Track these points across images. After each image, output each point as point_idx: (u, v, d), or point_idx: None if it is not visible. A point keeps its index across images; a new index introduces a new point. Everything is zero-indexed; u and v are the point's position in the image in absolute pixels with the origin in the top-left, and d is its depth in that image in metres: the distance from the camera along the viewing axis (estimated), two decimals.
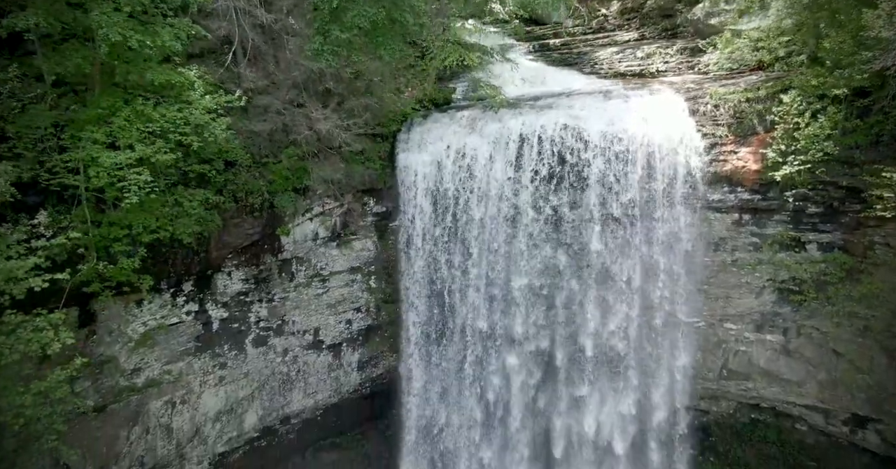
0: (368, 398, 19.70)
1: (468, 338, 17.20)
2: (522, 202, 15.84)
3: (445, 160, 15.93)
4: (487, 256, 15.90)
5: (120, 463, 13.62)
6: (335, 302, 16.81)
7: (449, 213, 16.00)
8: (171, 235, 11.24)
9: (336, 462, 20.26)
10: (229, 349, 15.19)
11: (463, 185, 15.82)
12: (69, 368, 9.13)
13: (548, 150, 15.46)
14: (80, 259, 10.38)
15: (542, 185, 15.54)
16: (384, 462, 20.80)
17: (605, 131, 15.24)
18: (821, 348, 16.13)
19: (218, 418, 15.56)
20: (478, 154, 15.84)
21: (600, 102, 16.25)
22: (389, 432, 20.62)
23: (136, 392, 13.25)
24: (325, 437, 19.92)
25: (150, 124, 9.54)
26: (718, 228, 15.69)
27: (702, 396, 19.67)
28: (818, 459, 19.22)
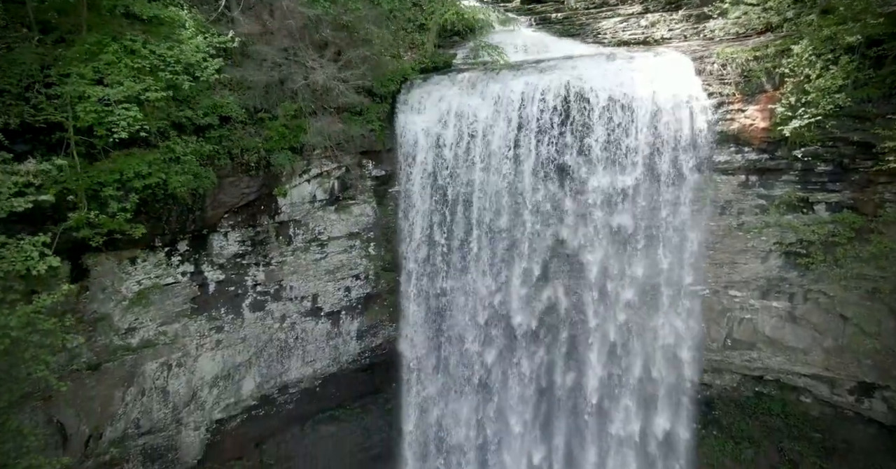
0: (368, 370, 19.50)
1: (470, 307, 17.00)
2: (525, 165, 15.56)
3: (446, 122, 15.58)
4: (489, 221, 15.63)
5: (115, 424, 13.42)
6: (334, 268, 16.55)
7: (449, 176, 15.71)
8: (164, 184, 10.95)
9: (335, 434, 20.10)
10: (226, 313, 14.95)
11: (463, 147, 15.53)
12: (56, 294, 8.82)
13: (550, 111, 15.15)
14: (72, 208, 10.12)
15: (544, 146, 15.25)
16: (384, 435, 20.68)
17: (610, 91, 14.88)
18: (827, 314, 15.86)
19: (215, 384, 15.35)
20: (479, 115, 15.49)
21: (604, 63, 15.88)
22: (389, 406, 20.46)
23: (130, 352, 13.02)
24: (325, 410, 19.75)
25: (140, 61, 9.23)
26: (724, 191, 15.37)
27: (705, 369, 19.47)
28: (823, 431, 19.03)
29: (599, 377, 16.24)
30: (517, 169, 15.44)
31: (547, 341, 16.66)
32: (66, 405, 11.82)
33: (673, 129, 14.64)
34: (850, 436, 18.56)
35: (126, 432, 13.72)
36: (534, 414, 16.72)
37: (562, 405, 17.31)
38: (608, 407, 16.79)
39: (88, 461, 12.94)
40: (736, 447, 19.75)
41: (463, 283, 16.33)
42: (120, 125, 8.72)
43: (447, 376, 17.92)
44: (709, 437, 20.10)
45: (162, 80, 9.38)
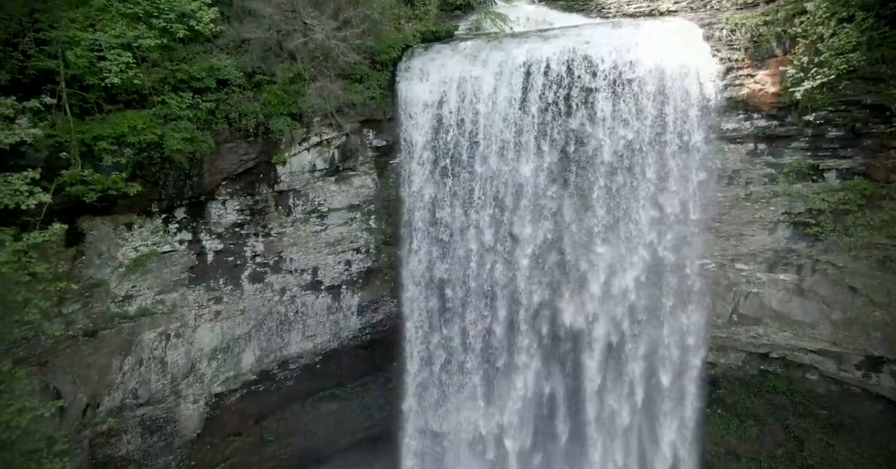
0: (368, 348, 19.30)
1: (471, 283, 16.76)
2: (527, 134, 15.27)
3: (448, 90, 15.27)
4: (491, 191, 15.36)
5: (113, 394, 13.24)
6: (334, 241, 16.31)
7: (451, 146, 15.41)
8: (160, 146, 10.69)
9: (335, 413, 19.96)
10: (224, 283, 14.73)
11: (466, 115, 15.23)
12: (46, 234, 8.56)
13: (554, 79, 14.80)
14: (65, 166, 9.86)
15: (548, 115, 14.94)
16: (385, 415, 20.53)
17: (615, 57, 14.55)
18: (836, 286, 15.61)
19: (214, 356, 15.16)
20: (482, 83, 15.18)
21: (610, 30, 15.53)
22: (390, 385, 20.29)
23: (127, 320, 12.81)
24: (325, 388, 19.59)
25: (132, 7, 8.92)
26: (732, 160, 15.06)
27: (710, 347, 19.27)
28: (829, 408, 18.81)
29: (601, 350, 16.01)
30: (520, 138, 15.17)
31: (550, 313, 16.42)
32: (62, 372, 11.63)
33: (680, 95, 14.33)
34: (857, 412, 18.34)
35: (124, 402, 13.55)
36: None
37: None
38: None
39: (86, 430, 12.77)
40: (741, 425, 19.56)
41: (465, 255, 16.11)
42: (112, 71, 8.45)
43: (449, 352, 17.75)
44: (714, 416, 19.97)
45: (156, 27, 9.08)
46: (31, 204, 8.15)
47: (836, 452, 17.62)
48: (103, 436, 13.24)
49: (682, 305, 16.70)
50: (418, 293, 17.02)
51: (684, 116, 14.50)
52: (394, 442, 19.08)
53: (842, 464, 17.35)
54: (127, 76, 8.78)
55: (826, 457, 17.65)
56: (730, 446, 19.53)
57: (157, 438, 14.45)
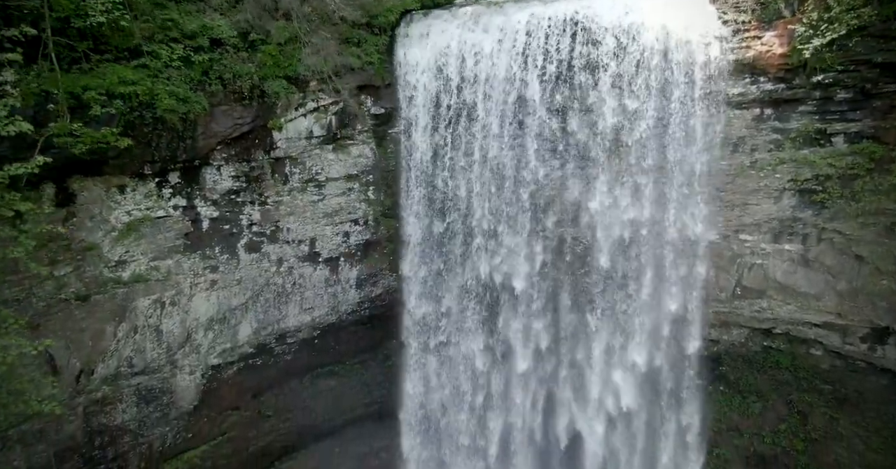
0: (367, 323, 19.09)
1: (473, 255, 16.51)
2: (529, 101, 14.96)
3: (447, 55, 14.95)
4: (493, 157, 15.08)
5: (107, 361, 13.04)
6: (332, 211, 16.04)
7: (451, 114, 15.12)
8: (152, 105, 10.40)
9: (334, 389, 19.79)
10: (220, 252, 14.49)
11: (466, 82, 14.92)
12: (28, 166, 8.25)
13: (556, 43, 14.48)
14: (54, 118, 9.58)
15: (549, 81, 14.64)
16: (384, 392, 20.37)
17: (618, 20, 14.22)
18: (842, 255, 15.35)
19: (210, 326, 14.95)
20: (482, 48, 14.87)
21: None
22: (389, 363, 20.12)
23: (121, 285, 12.59)
24: (324, 364, 19.41)
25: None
26: (738, 126, 14.75)
27: (713, 323, 19.06)
28: (833, 383, 18.61)
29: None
30: (521, 105, 14.87)
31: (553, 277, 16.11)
32: (54, 336, 11.40)
33: (685, 59, 14.01)
34: (862, 387, 18.12)
35: (119, 370, 13.36)
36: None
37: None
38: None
39: (80, 397, 12.59)
40: (743, 401, 19.37)
41: (465, 223, 15.86)
42: (97, 9, 8.16)
43: (449, 325, 17.53)
44: (716, 393, 19.78)
45: None
46: (11, 131, 7.85)
47: (840, 426, 17.45)
48: (98, 404, 13.06)
49: (685, 277, 16.55)
50: (418, 263, 16.80)
51: (689, 81, 14.21)
52: (393, 419, 18.97)
53: (846, 437, 17.18)
54: (113, 16, 8.48)
55: (830, 430, 17.48)
56: (732, 422, 19.35)
57: (152, 409, 14.27)
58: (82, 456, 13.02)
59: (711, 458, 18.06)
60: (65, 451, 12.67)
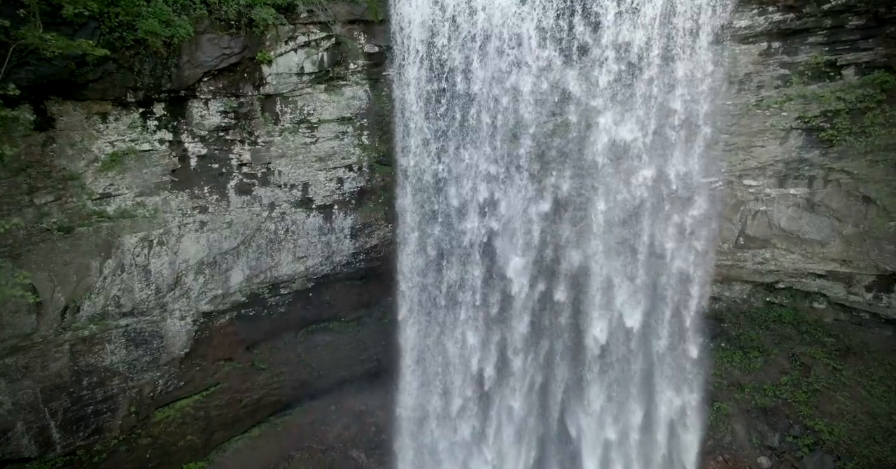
0: (363, 279, 18.77)
1: (469, 203, 16.10)
2: (528, 40, 14.43)
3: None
4: (491, 104, 14.58)
5: (93, 298, 12.70)
6: (325, 155, 15.61)
7: (448, 48, 14.59)
8: (133, 22, 9.87)
9: (330, 344, 19.51)
10: (210, 192, 14.09)
11: (462, 15, 14.36)
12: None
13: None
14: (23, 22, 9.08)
15: (550, 19, 14.08)
16: (380, 349, 20.10)
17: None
18: (849, 197, 14.95)
19: (200, 270, 14.60)
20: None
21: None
22: (385, 320, 19.83)
23: (106, 219, 12.20)
24: (319, 320, 19.08)
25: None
26: (744, 63, 14.24)
27: (715, 279, 18.72)
28: (836, 336, 18.30)
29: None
30: (521, 43, 14.34)
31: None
32: (37, 267, 11.07)
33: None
34: (866, 338, 17.82)
35: (106, 309, 13.03)
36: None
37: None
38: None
39: (66, 333, 12.28)
40: (745, 357, 19.12)
41: (463, 167, 15.41)
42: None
43: (446, 278, 17.17)
44: (717, 350, 19.52)
45: None
46: None
47: (843, 376, 17.18)
48: (85, 342, 12.75)
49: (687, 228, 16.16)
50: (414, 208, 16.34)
51: (694, 14, 13.68)
52: (390, 377, 18.74)
53: (849, 386, 16.91)
54: None
55: (833, 381, 17.20)
56: (733, 378, 19.10)
57: (142, 352, 13.98)
58: (70, 395, 12.76)
59: (713, 412, 17.87)
60: (52, 389, 12.41)
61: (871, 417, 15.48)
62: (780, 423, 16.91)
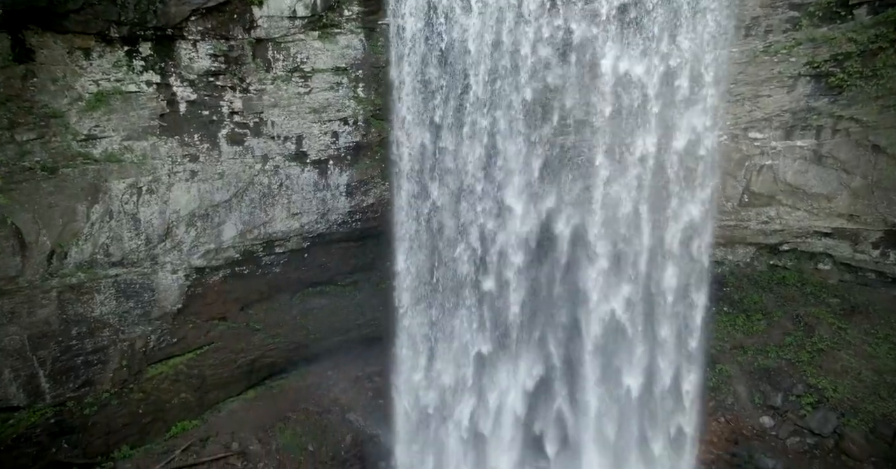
0: (359, 241, 18.44)
1: (469, 159, 15.68)
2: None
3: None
4: (489, 45, 14.12)
5: (81, 245, 12.38)
6: (319, 107, 15.18)
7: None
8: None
9: (326, 307, 19.18)
10: (200, 140, 13.71)
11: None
12: None
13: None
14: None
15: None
16: (377, 315, 19.80)
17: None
18: (857, 147, 14.57)
19: (192, 222, 14.26)
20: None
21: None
22: (383, 285, 19.53)
23: (92, 162, 11.85)
24: (315, 283, 18.75)
25: None
26: (751, 6, 13.73)
27: (718, 241, 18.37)
28: (841, 296, 18.04)
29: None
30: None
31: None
32: (20, 208, 10.76)
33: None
34: (872, 298, 17.58)
35: (94, 258, 12.72)
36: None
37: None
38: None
39: (53, 279, 11.97)
40: (748, 320, 18.82)
41: (460, 119, 14.99)
42: None
43: (444, 241, 16.84)
44: (719, 314, 19.22)
45: None
46: None
47: (848, 335, 16.90)
48: (73, 291, 12.46)
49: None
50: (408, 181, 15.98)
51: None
52: (388, 343, 18.49)
53: (854, 345, 16.64)
54: None
55: (838, 340, 16.91)
56: (736, 341, 18.82)
57: (133, 304, 13.68)
58: (59, 344, 12.49)
59: (714, 374, 17.64)
60: (40, 337, 12.14)
61: (877, 374, 15.24)
62: (783, 382, 16.66)
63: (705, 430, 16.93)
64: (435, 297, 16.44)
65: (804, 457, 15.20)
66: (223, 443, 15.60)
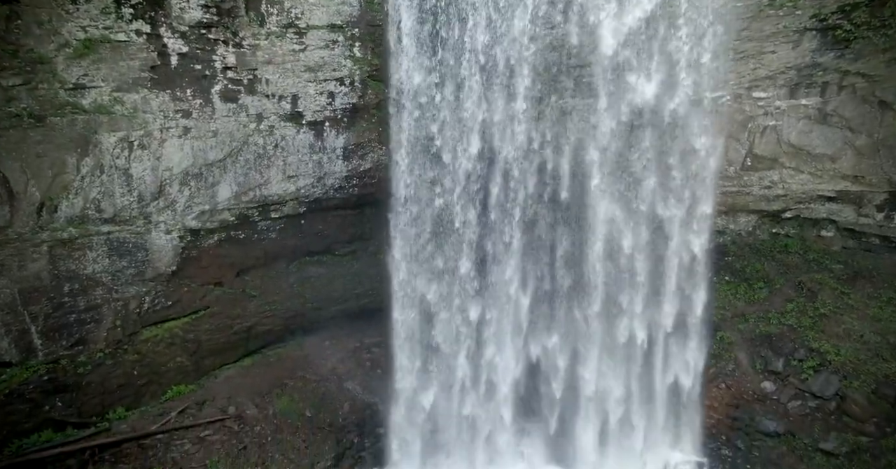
0: (356, 208, 18.23)
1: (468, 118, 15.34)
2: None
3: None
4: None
5: (72, 199, 12.14)
6: (314, 65, 14.87)
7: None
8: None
9: (324, 276, 18.93)
10: (193, 96, 13.40)
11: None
12: None
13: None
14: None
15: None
16: (375, 285, 19.57)
17: None
18: (863, 103, 14.28)
19: (185, 181, 14.01)
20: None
21: None
22: (381, 255, 19.31)
23: (81, 112, 11.57)
24: (312, 253, 18.53)
25: None
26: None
27: (720, 208, 18.13)
28: (844, 262, 17.85)
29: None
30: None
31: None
32: (7, 156, 10.51)
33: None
34: (876, 263, 17.36)
35: (86, 213, 12.48)
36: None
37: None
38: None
39: (43, 233, 11.75)
40: (749, 288, 18.61)
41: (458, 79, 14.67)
42: None
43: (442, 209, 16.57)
44: (721, 283, 19.02)
45: None
46: None
47: (851, 299, 16.65)
48: (65, 246, 12.24)
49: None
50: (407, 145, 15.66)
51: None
52: (386, 316, 18.31)
53: (857, 309, 16.41)
54: None
55: (841, 305, 16.68)
56: (737, 310, 18.60)
57: (126, 263, 13.48)
58: (51, 300, 12.29)
59: (715, 341, 17.46)
60: (31, 292, 11.93)
61: (880, 336, 15.04)
62: (785, 347, 16.48)
63: (706, 396, 16.87)
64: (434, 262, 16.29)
65: (805, 419, 15.05)
66: (219, 407, 15.40)
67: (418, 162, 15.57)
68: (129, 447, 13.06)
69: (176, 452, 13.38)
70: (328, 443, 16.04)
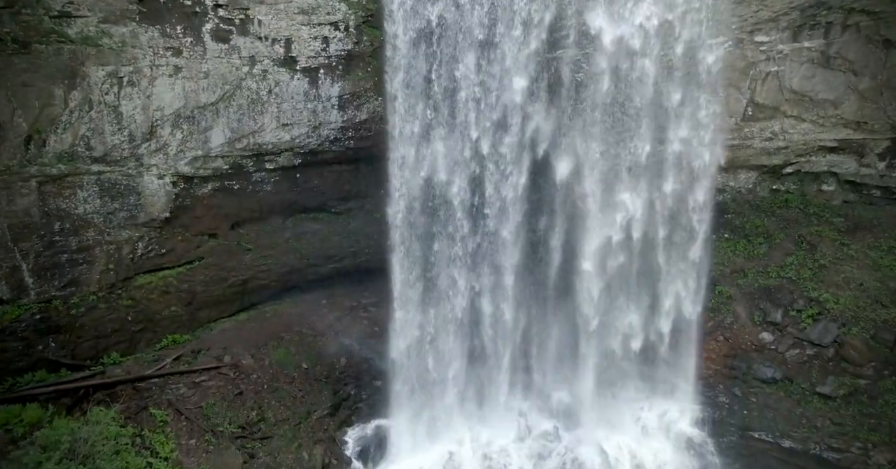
0: (352, 164, 18.03)
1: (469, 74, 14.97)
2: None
3: None
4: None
5: (60, 134, 11.91)
6: (308, 7, 14.50)
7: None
8: None
9: (320, 232, 18.70)
10: (183, 33, 13.10)
11: None
12: None
13: None
14: None
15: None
16: (372, 243, 19.38)
17: None
18: (868, 44, 14.05)
19: (177, 124, 13.77)
20: None
21: None
22: (377, 214, 19.13)
23: (67, 42, 11.29)
24: (307, 210, 18.29)
25: None
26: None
27: (720, 165, 17.89)
28: (845, 215, 17.74)
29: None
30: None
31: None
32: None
33: None
34: (876, 215, 17.24)
35: (75, 150, 12.27)
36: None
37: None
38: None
39: (31, 167, 11.54)
40: (748, 244, 18.50)
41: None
42: None
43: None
44: (720, 241, 18.88)
45: None
46: None
47: (851, 250, 16.56)
48: (54, 183, 12.04)
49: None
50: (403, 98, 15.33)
51: None
52: (383, 275, 18.15)
53: (857, 258, 16.32)
54: None
55: (840, 255, 16.58)
56: (736, 265, 18.54)
57: (118, 205, 13.27)
58: (41, 238, 12.13)
59: (714, 295, 17.38)
60: (21, 228, 11.77)
61: (880, 282, 15.01)
62: (784, 299, 16.41)
63: (703, 349, 16.81)
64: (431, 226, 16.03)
65: (803, 366, 15.02)
66: (215, 355, 15.31)
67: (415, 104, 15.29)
68: (123, 388, 12.99)
69: (171, 395, 13.32)
70: (325, 393, 16.00)
